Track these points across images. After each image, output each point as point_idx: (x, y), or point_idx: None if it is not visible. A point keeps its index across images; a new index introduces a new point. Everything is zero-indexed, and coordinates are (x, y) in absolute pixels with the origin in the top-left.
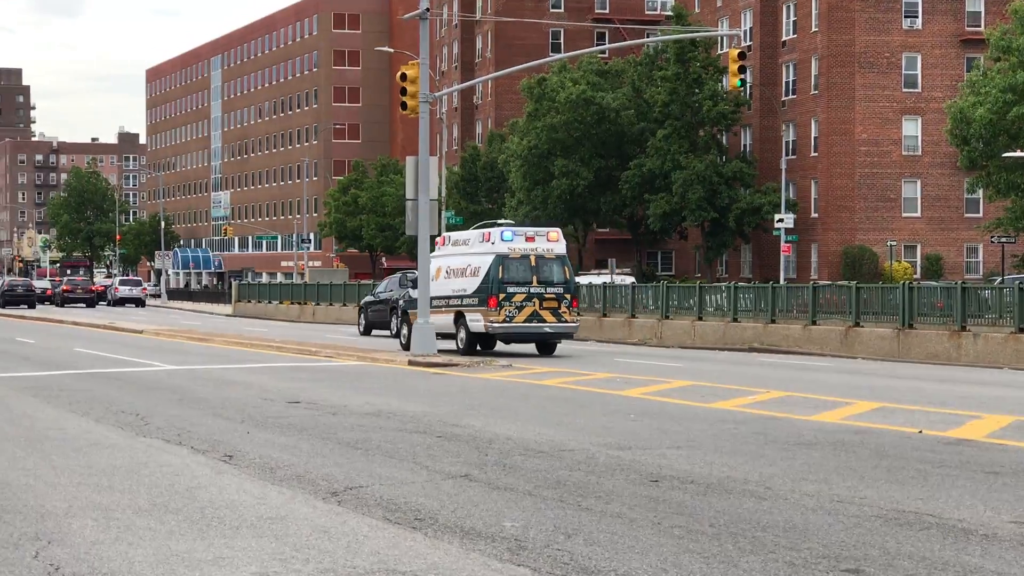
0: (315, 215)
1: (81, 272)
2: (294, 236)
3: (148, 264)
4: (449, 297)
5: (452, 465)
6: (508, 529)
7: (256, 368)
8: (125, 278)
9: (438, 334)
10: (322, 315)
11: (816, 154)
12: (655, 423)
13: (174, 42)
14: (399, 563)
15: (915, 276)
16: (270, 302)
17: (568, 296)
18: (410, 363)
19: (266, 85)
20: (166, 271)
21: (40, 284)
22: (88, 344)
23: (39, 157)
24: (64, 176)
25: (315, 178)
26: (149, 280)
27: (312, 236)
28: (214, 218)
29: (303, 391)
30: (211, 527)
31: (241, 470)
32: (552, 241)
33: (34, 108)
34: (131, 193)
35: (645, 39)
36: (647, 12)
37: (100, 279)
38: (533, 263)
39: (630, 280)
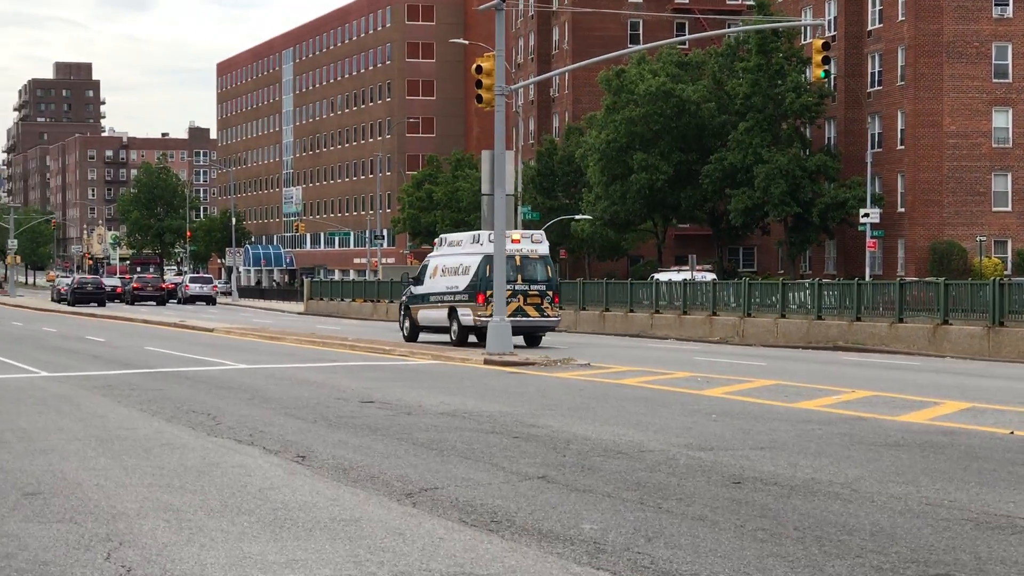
0: (388, 211)
1: (151, 269)
2: (367, 232)
3: (219, 261)
4: (443, 293)
5: (529, 466)
6: (587, 532)
7: (329, 367)
8: (196, 275)
9: (433, 327)
10: (395, 313)
11: (903, 147)
12: (737, 423)
13: (246, 35)
14: (476, 566)
15: (1006, 272)
16: (342, 300)
17: (550, 293)
18: (486, 362)
19: (339, 78)
20: (237, 268)
21: (110, 282)
22: (159, 342)
23: (109, 153)
24: (134, 172)
25: (388, 173)
26: (219, 277)
27: (385, 232)
28: (285, 214)
29: (377, 390)
30: (284, 529)
31: (314, 471)
32: (536, 243)
33: (104, 103)
34: (201, 189)
35: (726, 29)
36: (728, 2)
37: (170, 276)
38: (518, 263)
39: (711, 277)
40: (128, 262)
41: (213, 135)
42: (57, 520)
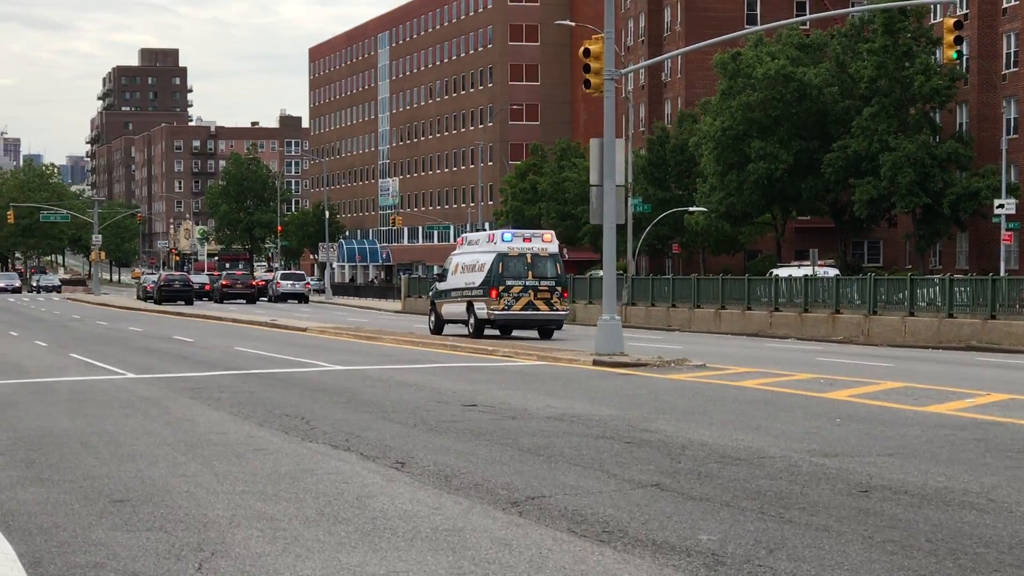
0: (490, 203)
1: (240, 266)
2: (468, 226)
3: (311, 257)
4: (462, 289)
5: (642, 473)
6: (704, 543)
7: (428, 368)
8: (287, 272)
9: (454, 320)
10: None
11: None
12: (863, 428)
13: (339, 18)
14: None
15: None
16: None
17: (559, 288)
18: (595, 363)
19: (437, 63)
20: (330, 264)
21: (198, 279)
22: (249, 342)
23: (196, 143)
24: (222, 163)
25: (490, 163)
26: (312, 274)
27: (487, 226)
28: (381, 207)
29: (479, 393)
30: (383, 539)
31: (414, 478)
32: (546, 242)
33: (191, 91)
34: (293, 181)
35: (850, 8)
36: None
37: (260, 273)
38: (529, 260)
39: (833, 272)
40: (216, 258)
41: (305, 124)
42: (146, 528)
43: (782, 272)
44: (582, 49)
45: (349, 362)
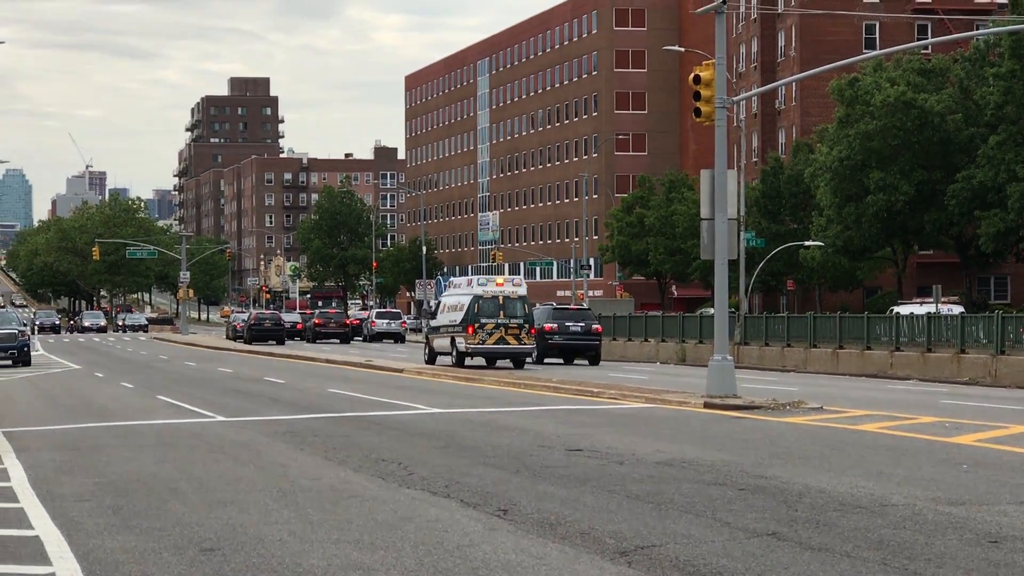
0: (595, 237)
1: (334, 304)
2: (572, 262)
3: (408, 294)
4: (447, 326)
5: (757, 522)
6: None
7: (531, 411)
8: (382, 310)
9: (443, 352)
10: (605, 351)
11: None
12: (992, 475)
13: (436, 45)
14: None
15: None
16: None
17: (526, 325)
18: (706, 405)
19: (539, 91)
20: (428, 302)
21: (289, 317)
22: (343, 384)
23: (288, 176)
24: (315, 196)
25: (595, 196)
26: (408, 312)
27: (592, 262)
28: (481, 242)
29: (585, 437)
30: None
31: (517, 526)
32: (516, 286)
33: (282, 121)
34: (389, 214)
35: (975, 31)
36: (976, 0)
37: (354, 311)
38: (501, 302)
39: (958, 310)
40: (309, 296)
41: (401, 155)
42: None
43: (903, 309)
44: (692, 76)
45: (448, 405)
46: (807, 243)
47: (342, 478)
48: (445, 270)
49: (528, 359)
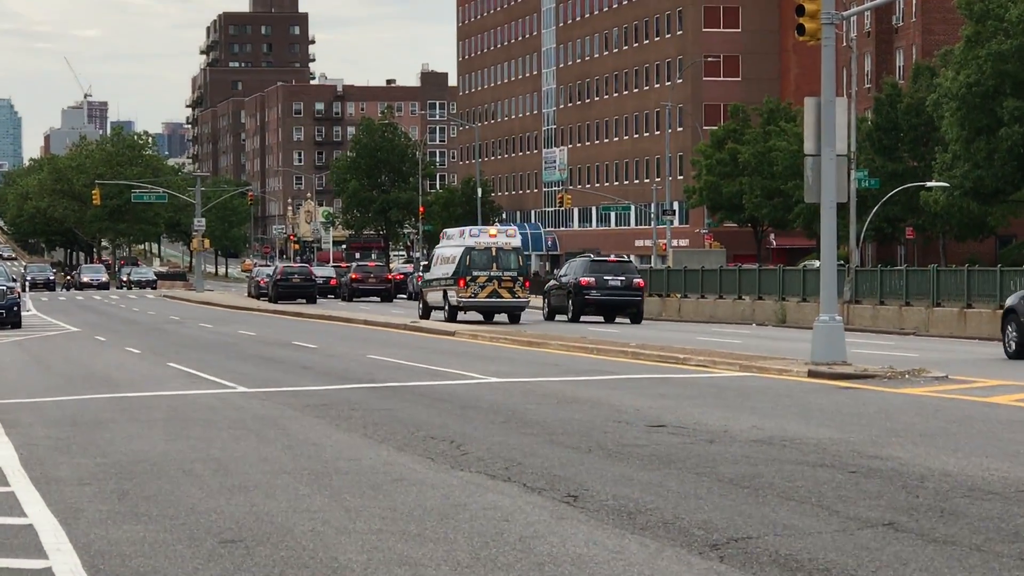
0: (680, 178)
1: (373, 256)
2: (652, 206)
3: None
4: (440, 279)
5: (871, 510)
6: None
7: (605, 381)
8: (428, 263)
9: (437, 307)
10: (691, 311)
11: None
12: None
13: None
14: None
15: None
16: None
17: (521, 278)
18: (810, 374)
19: (614, 6)
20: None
21: (322, 272)
22: (385, 349)
23: (319, 106)
24: (351, 130)
25: (680, 129)
26: None
27: (676, 206)
28: (546, 183)
29: (668, 411)
30: None
31: (589, 514)
32: (510, 237)
33: (313, 43)
34: (438, 151)
35: None
36: None
37: (398, 265)
38: (494, 253)
39: None
40: (344, 247)
41: (452, 82)
42: (264, 575)
43: None
44: None
45: (508, 373)
46: (929, 184)
47: (384, 459)
48: (504, 216)
49: (565, 315)
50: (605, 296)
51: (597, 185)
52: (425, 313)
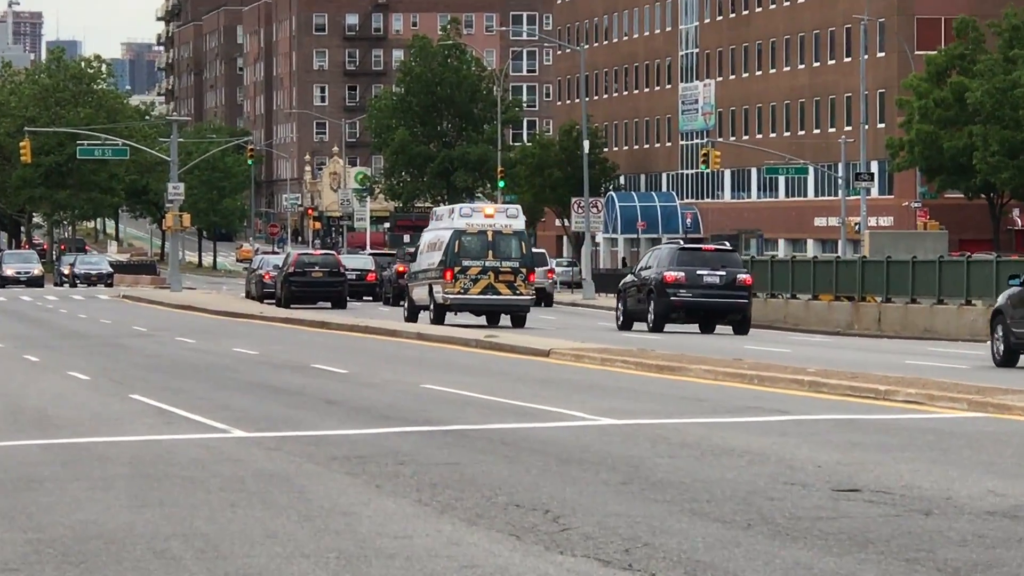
0: (880, 127)
1: None
2: (839, 168)
3: (558, 223)
4: (426, 270)
5: None
6: None
7: (771, 424)
8: None
9: (421, 305)
10: (897, 321)
11: None
12: None
13: None
14: None
15: None
16: (792, 296)
17: (524, 270)
18: None
19: None
20: (592, 237)
21: (354, 262)
22: (448, 376)
23: (351, 19)
24: (398, 55)
25: (880, 54)
26: (557, 254)
27: (875, 168)
28: (684, 133)
29: (864, 468)
30: None
31: None
32: (511, 217)
33: None
34: (526, 86)
35: None
36: None
37: None
38: (490, 238)
39: None
40: (388, 226)
41: None
42: None
43: None
44: None
45: (628, 412)
46: None
47: (448, 536)
48: (621, 180)
49: (644, 323)
50: (699, 297)
51: (758, 137)
52: (411, 315)
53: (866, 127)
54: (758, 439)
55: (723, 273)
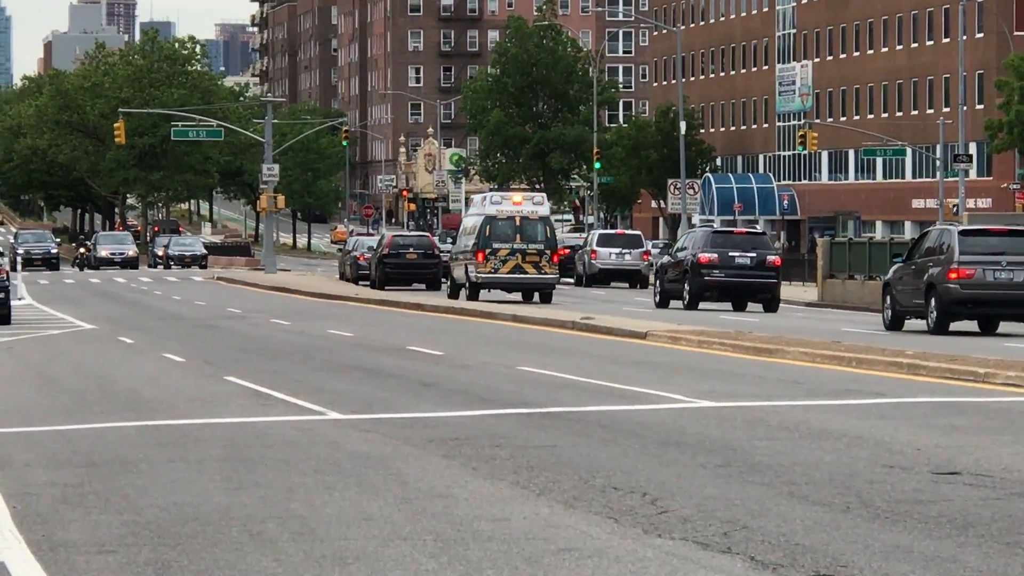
0: (979, 108)
1: None
2: (937, 150)
3: (654, 204)
4: (463, 251)
5: None
6: None
7: (869, 406)
8: (609, 232)
9: (460, 283)
10: None
11: None
12: None
13: None
14: None
15: None
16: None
17: (548, 252)
18: None
19: None
20: (689, 218)
21: (449, 246)
22: (544, 358)
23: (446, 1)
24: (494, 36)
25: (979, 35)
26: (653, 235)
27: (974, 149)
28: (781, 115)
29: (963, 451)
30: None
31: None
32: (537, 204)
33: None
34: (621, 68)
35: None
36: None
37: (562, 234)
38: (518, 223)
39: None
40: None
41: None
42: None
43: None
44: None
45: (726, 394)
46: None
47: (545, 519)
48: (719, 162)
49: (679, 302)
50: (730, 277)
51: (856, 118)
52: (453, 292)
53: (964, 108)
54: (856, 422)
55: (754, 255)
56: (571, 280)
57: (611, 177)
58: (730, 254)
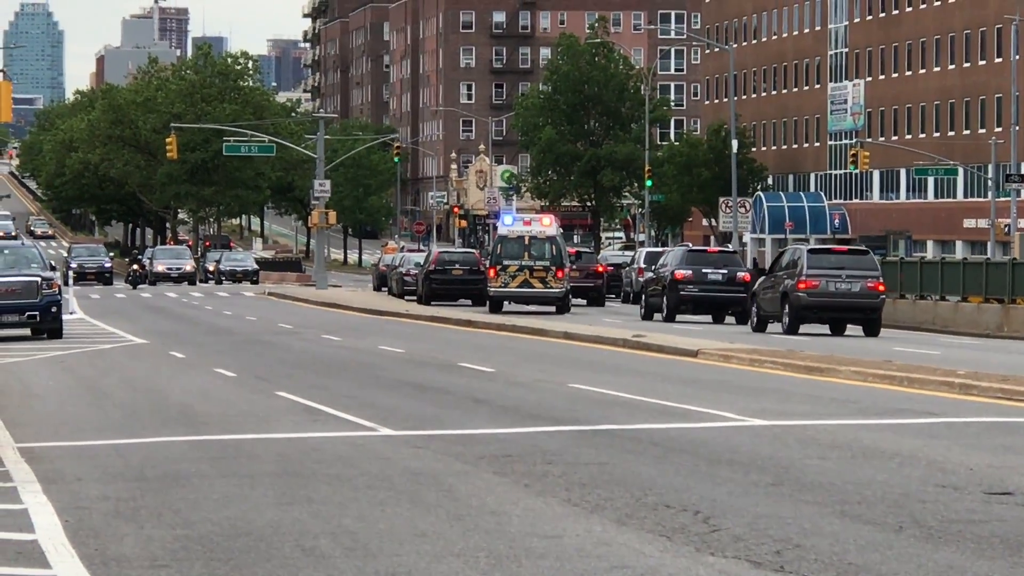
0: None
1: (577, 239)
2: (989, 169)
3: (705, 223)
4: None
5: None
6: None
7: (921, 426)
8: (657, 250)
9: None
10: None
11: None
12: None
13: None
14: None
15: None
16: (940, 297)
17: (554, 268)
18: None
19: None
20: (741, 237)
21: None
22: (595, 375)
23: (499, 17)
24: (546, 53)
25: None
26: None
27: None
28: (832, 134)
29: (1014, 470)
30: None
31: None
32: (545, 226)
33: None
34: (672, 86)
35: None
36: None
37: (610, 252)
38: (527, 242)
39: None
40: None
41: None
42: None
43: None
44: None
45: (777, 413)
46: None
47: (597, 536)
48: (769, 180)
49: (658, 314)
50: (703, 292)
51: (908, 137)
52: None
53: (1017, 128)
54: (908, 441)
55: (725, 271)
56: (618, 297)
57: (662, 195)
58: (703, 271)
